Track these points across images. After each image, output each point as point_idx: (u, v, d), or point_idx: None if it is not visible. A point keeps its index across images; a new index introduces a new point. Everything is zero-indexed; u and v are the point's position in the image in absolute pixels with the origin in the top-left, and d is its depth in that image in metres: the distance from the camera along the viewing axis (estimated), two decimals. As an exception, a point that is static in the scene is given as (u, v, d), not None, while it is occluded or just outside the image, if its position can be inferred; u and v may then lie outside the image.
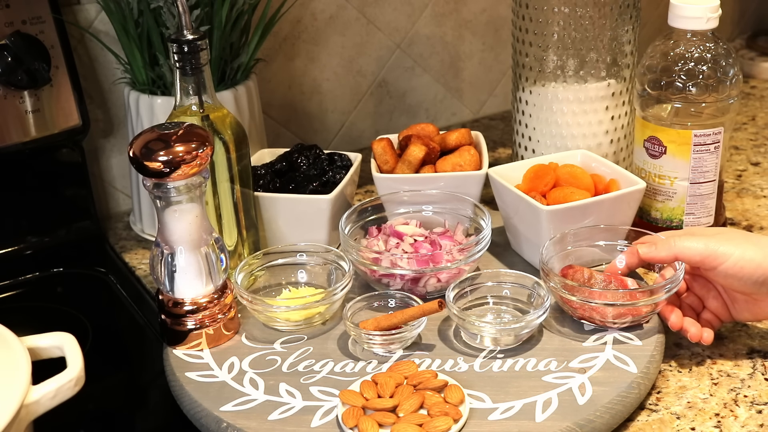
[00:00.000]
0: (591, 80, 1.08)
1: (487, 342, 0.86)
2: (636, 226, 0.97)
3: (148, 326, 0.97)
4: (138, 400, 0.90)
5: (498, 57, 1.46)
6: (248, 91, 1.10)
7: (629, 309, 0.86)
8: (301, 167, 1.06)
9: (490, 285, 0.93)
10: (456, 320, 0.87)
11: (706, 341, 0.86)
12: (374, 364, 0.85)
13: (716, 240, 0.84)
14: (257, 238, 1.01)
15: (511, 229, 1.03)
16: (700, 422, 0.80)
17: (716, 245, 0.83)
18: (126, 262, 1.10)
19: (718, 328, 0.90)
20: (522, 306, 0.91)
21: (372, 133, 1.38)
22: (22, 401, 0.69)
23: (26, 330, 0.78)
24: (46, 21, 1.05)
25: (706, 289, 0.89)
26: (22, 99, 1.05)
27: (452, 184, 1.03)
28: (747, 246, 0.83)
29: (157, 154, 0.81)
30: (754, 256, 0.82)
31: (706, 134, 0.99)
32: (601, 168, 1.04)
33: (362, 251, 0.94)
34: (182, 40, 0.88)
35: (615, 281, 0.88)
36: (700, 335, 0.86)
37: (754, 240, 0.84)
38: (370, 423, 0.75)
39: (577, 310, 0.88)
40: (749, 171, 1.27)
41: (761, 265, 0.82)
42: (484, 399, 0.80)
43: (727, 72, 0.99)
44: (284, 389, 0.82)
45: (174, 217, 0.84)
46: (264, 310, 0.90)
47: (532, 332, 0.86)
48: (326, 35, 1.31)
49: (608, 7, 1.05)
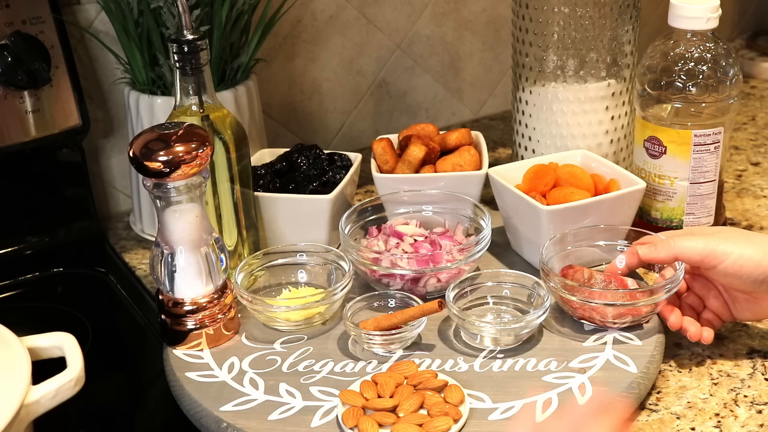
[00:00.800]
0: (591, 80, 1.08)
1: (487, 342, 0.86)
2: (636, 226, 0.97)
3: (148, 326, 0.97)
4: (138, 400, 0.90)
5: (498, 57, 1.46)
6: (248, 91, 1.10)
7: (629, 309, 0.86)
8: (301, 167, 1.06)
9: (490, 285, 0.93)
10: (456, 320, 0.87)
11: (706, 340, 0.86)
12: (374, 364, 0.85)
13: (716, 239, 0.84)
14: (257, 238, 1.01)
15: (511, 229, 1.03)
16: (700, 422, 0.80)
17: (715, 244, 0.83)
18: (126, 262, 1.10)
19: (719, 328, 0.90)
20: (522, 306, 0.91)
21: (372, 133, 1.38)
22: (22, 401, 0.69)
23: (26, 330, 0.78)
24: (46, 21, 1.05)
25: (706, 288, 0.89)
26: (22, 99, 1.05)
27: (452, 184, 1.03)
28: (746, 244, 0.83)
29: (157, 154, 0.81)
30: (754, 254, 0.82)
31: (706, 134, 0.99)
32: (601, 168, 1.04)
33: (362, 251, 0.94)
34: (182, 40, 0.88)
35: (615, 281, 0.88)
36: (700, 334, 0.86)
37: (753, 238, 0.84)
38: (370, 423, 0.75)
39: (577, 310, 0.88)
40: (749, 171, 1.27)
41: (761, 264, 0.82)
42: (484, 399, 0.80)
43: (727, 72, 0.99)
44: (284, 389, 0.82)
45: (174, 217, 0.84)
46: (264, 310, 0.90)
47: (532, 332, 0.86)
48: (326, 35, 1.31)
49: (608, 7, 1.05)
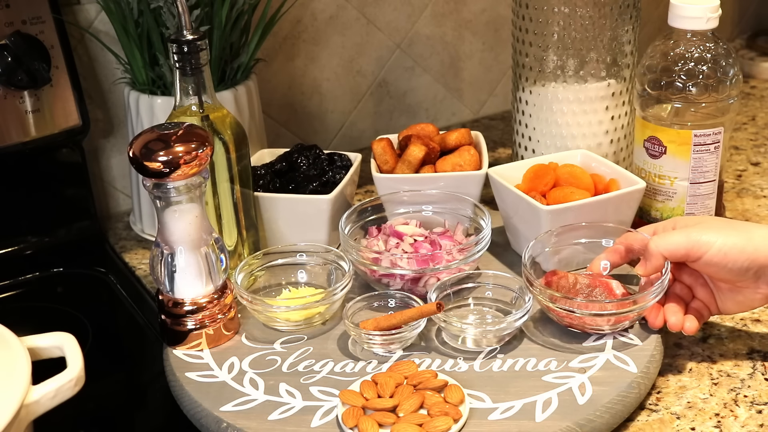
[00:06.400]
0: (591, 80, 1.08)
1: (469, 343, 0.86)
2: (636, 226, 0.97)
3: (148, 326, 0.97)
4: (138, 400, 0.90)
5: (498, 57, 1.46)
6: (248, 91, 1.10)
7: (617, 317, 0.85)
8: (301, 167, 1.06)
9: (470, 286, 0.93)
10: (438, 322, 0.87)
11: (688, 331, 0.85)
12: (374, 364, 0.85)
13: (697, 230, 0.83)
14: (257, 238, 1.01)
15: (511, 229, 1.03)
16: (700, 422, 0.80)
17: (698, 235, 0.83)
18: (126, 262, 1.10)
19: (708, 318, 0.89)
20: (504, 307, 0.91)
21: (372, 133, 1.38)
22: (22, 401, 0.69)
23: (26, 330, 0.78)
24: (46, 21, 1.05)
25: (694, 277, 0.88)
26: (22, 99, 1.05)
27: (452, 184, 1.03)
28: (729, 232, 0.82)
29: (156, 154, 0.81)
30: (737, 241, 0.82)
31: (706, 134, 0.99)
32: (601, 168, 1.04)
33: (362, 251, 0.94)
34: (182, 40, 0.88)
35: (600, 285, 0.87)
36: (681, 325, 0.85)
37: (735, 226, 0.84)
38: (370, 423, 0.75)
39: (564, 319, 0.87)
40: (749, 171, 1.27)
41: (744, 250, 0.81)
42: (484, 399, 0.80)
43: (727, 72, 0.99)
44: (284, 389, 0.82)
45: (174, 217, 0.84)
46: (264, 310, 0.90)
47: (514, 333, 0.86)
48: (326, 35, 1.31)
49: (608, 7, 1.05)
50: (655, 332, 0.87)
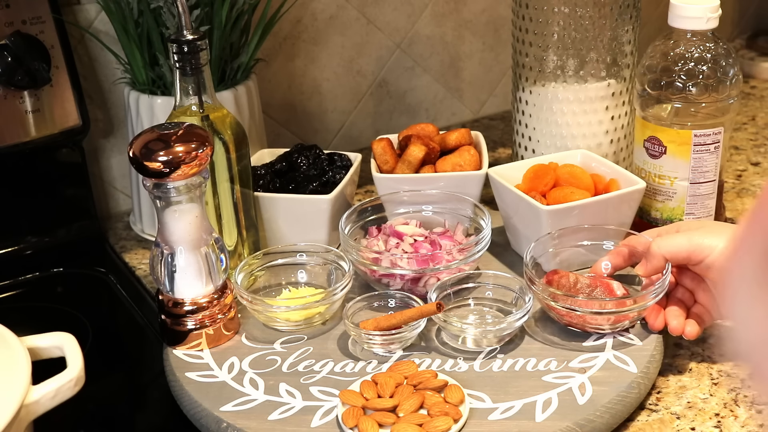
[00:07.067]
0: (591, 80, 1.08)
1: (469, 343, 0.86)
2: (636, 226, 0.97)
3: (148, 326, 0.97)
4: (138, 400, 0.90)
5: (498, 57, 1.46)
6: (248, 91, 1.10)
7: (617, 316, 0.85)
8: (301, 167, 1.06)
9: (470, 286, 0.93)
10: (438, 322, 0.87)
11: (689, 336, 0.85)
12: (374, 364, 0.85)
13: (700, 233, 0.84)
14: (257, 238, 1.01)
15: (511, 229, 1.03)
16: (700, 422, 0.80)
17: (700, 238, 0.83)
18: (126, 262, 1.10)
19: (709, 323, 0.88)
20: (505, 307, 0.91)
21: (372, 133, 1.38)
22: (22, 401, 0.69)
23: (26, 330, 0.78)
24: (46, 21, 1.05)
25: (696, 281, 0.88)
26: (22, 99, 1.05)
27: (452, 184, 1.03)
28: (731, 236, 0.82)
29: (157, 154, 0.81)
30: None
31: (706, 134, 0.99)
32: (601, 168, 1.04)
33: (362, 251, 0.94)
34: (182, 40, 0.88)
35: (601, 285, 0.87)
36: (682, 329, 0.85)
37: None
38: (370, 423, 0.75)
39: (563, 317, 0.87)
40: (749, 171, 1.27)
41: None
42: (484, 399, 0.80)
43: (727, 72, 0.99)
44: (284, 389, 0.82)
45: (174, 217, 0.84)
46: (264, 310, 0.90)
47: (514, 333, 0.86)
48: (326, 35, 1.31)
49: (608, 7, 1.05)
50: (656, 332, 0.87)
